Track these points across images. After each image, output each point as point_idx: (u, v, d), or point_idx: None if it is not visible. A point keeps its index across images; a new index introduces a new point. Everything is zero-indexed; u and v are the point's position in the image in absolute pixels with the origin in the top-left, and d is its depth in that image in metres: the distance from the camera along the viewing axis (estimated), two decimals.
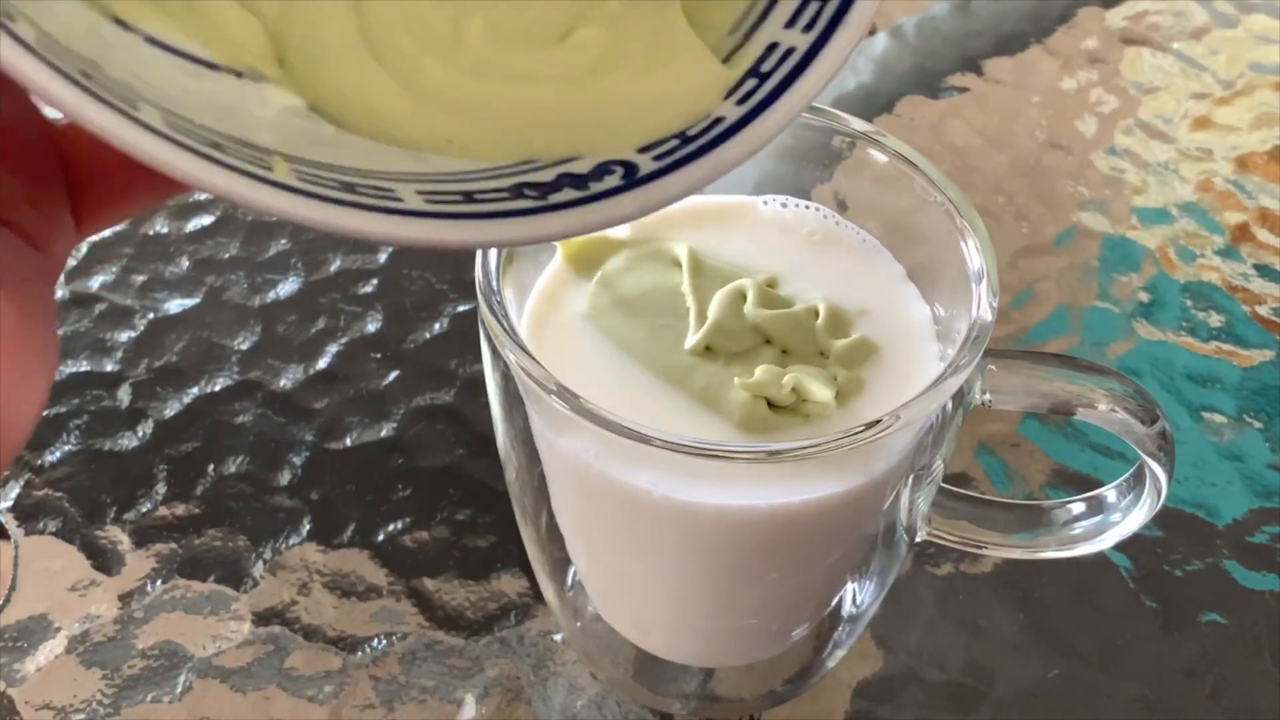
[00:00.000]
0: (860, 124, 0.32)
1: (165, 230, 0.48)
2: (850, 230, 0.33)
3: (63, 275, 0.34)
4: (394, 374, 0.44)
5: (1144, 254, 0.49)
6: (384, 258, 0.47)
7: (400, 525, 0.39)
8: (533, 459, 0.31)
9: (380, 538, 0.39)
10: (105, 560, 0.39)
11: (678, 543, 0.29)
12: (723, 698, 0.36)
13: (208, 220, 0.49)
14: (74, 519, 0.39)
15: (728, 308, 0.29)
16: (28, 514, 0.40)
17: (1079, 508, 0.33)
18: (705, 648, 0.35)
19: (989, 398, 0.29)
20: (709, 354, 0.29)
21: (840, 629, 0.35)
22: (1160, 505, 0.31)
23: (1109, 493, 0.32)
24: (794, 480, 0.27)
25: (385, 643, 0.37)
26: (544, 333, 0.30)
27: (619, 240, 0.32)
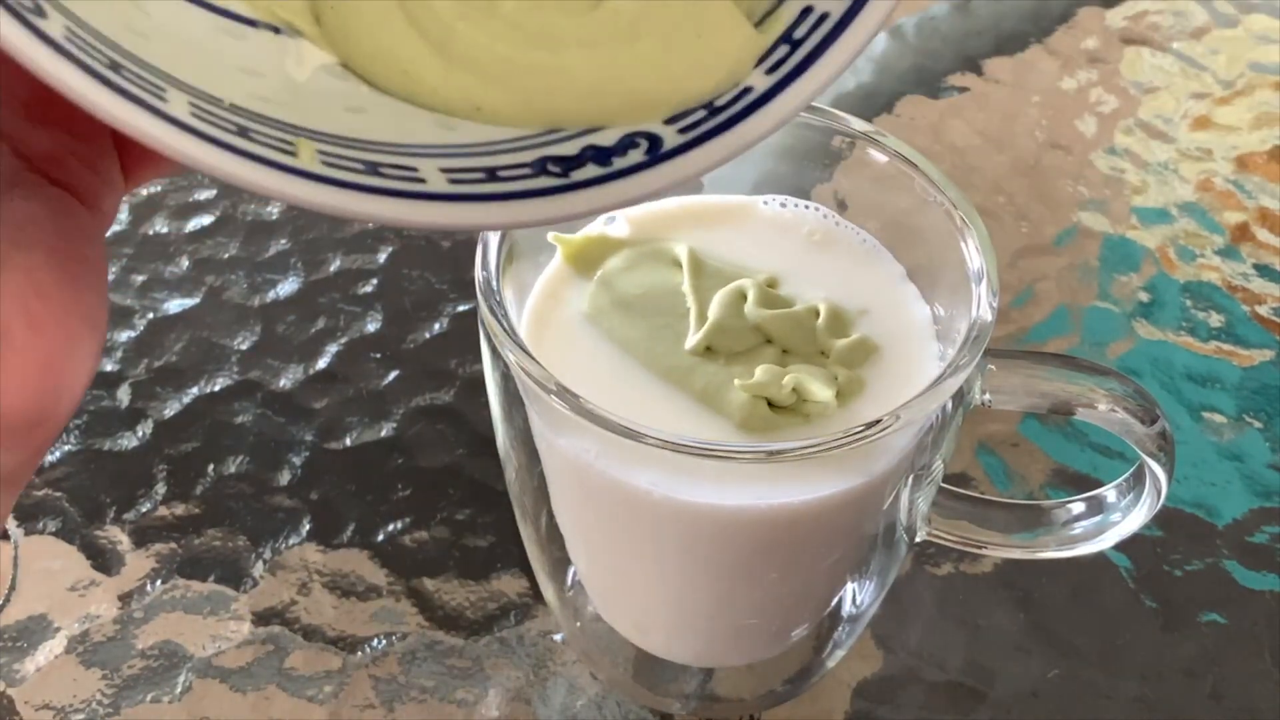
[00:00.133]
0: (860, 124, 0.32)
1: (165, 230, 0.48)
2: (850, 230, 0.33)
3: None
4: (394, 374, 0.44)
5: (1144, 254, 0.49)
6: (384, 258, 0.47)
7: (400, 525, 0.39)
8: (533, 459, 0.31)
9: (380, 538, 0.39)
10: (105, 560, 0.39)
11: (678, 543, 0.29)
12: (723, 698, 0.36)
13: (208, 220, 0.49)
14: (74, 519, 0.39)
15: (728, 308, 0.29)
16: (27, 514, 0.40)
17: (1079, 508, 0.33)
18: (705, 648, 0.35)
19: (989, 398, 0.29)
20: (709, 354, 0.29)
21: (840, 629, 0.35)
22: (1160, 505, 0.31)
23: (1109, 493, 0.32)
24: (794, 480, 0.27)
25: (385, 643, 0.37)
26: (544, 333, 0.30)
27: (619, 240, 0.32)
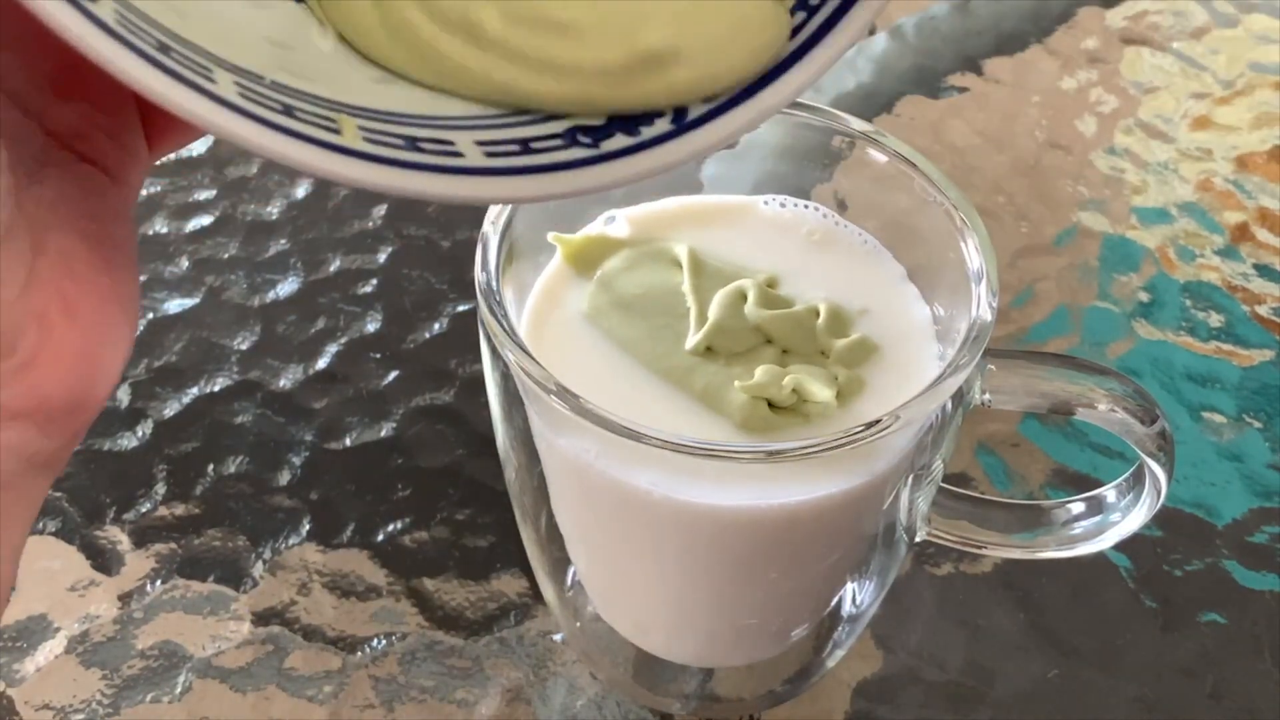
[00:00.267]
0: (860, 124, 0.32)
1: (165, 230, 0.48)
2: (850, 230, 0.33)
3: None
4: (394, 374, 0.44)
5: (1144, 254, 0.49)
6: (384, 258, 0.47)
7: (400, 525, 0.39)
8: (532, 459, 0.31)
9: (380, 538, 0.39)
10: (105, 560, 0.38)
11: (678, 543, 0.29)
12: (722, 698, 0.36)
13: (207, 220, 0.49)
14: (73, 519, 0.39)
15: (728, 308, 0.29)
16: None
17: (1079, 508, 0.33)
18: (705, 648, 0.35)
19: (989, 398, 0.29)
20: (709, 354, 0.29)
21: (840, 629, 0.35)
22: (1160, 505, 0.31)
23: (1109, 493, 0.32)
24: (794, 480, 0.27)
25: (385, 643, 0.37)
26: (544, 333, 0.30)
27: (619, 240, 0.32)
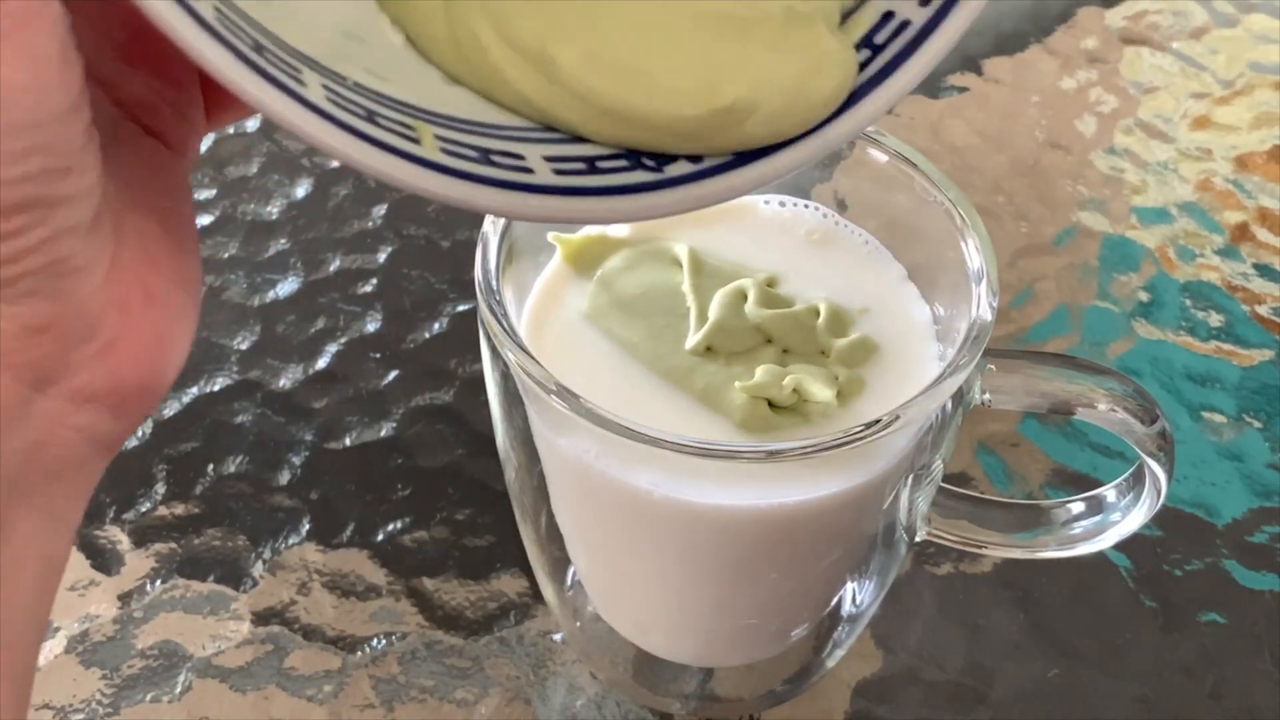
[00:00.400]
0: None
1: None
2: (850, 230, 0.32)
3: None
4: (393, 374, 0.44)
5: (1143, 254, 0.49)
6: (383, 258, 0.47)
7: (400, 525, 0.39)
8: (532, 459, 0.31)
9: (380, 537, 0.39)
10: (104, 560, 0.38)
11: (678, 543, 0.29)
12: (722, 698, 0.36)
13: (207, 220, 0.49)
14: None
15: (729, 307, 0.29)
16: None
17: (1079, 507, 0.33)
18: (705, 647, 0.35)
19: (989, 397, 0.29)
20: (710, 354, 0.29)
21: (840, 629, 0.35)
22: (1160, 505, 0.31)
23: (1109, 492, 0.32)
24: (794, 480, 0.27)
25: (385, 642, 0.37)
26: (544, 332, 0.30)
27: (618, 239, 0.32)
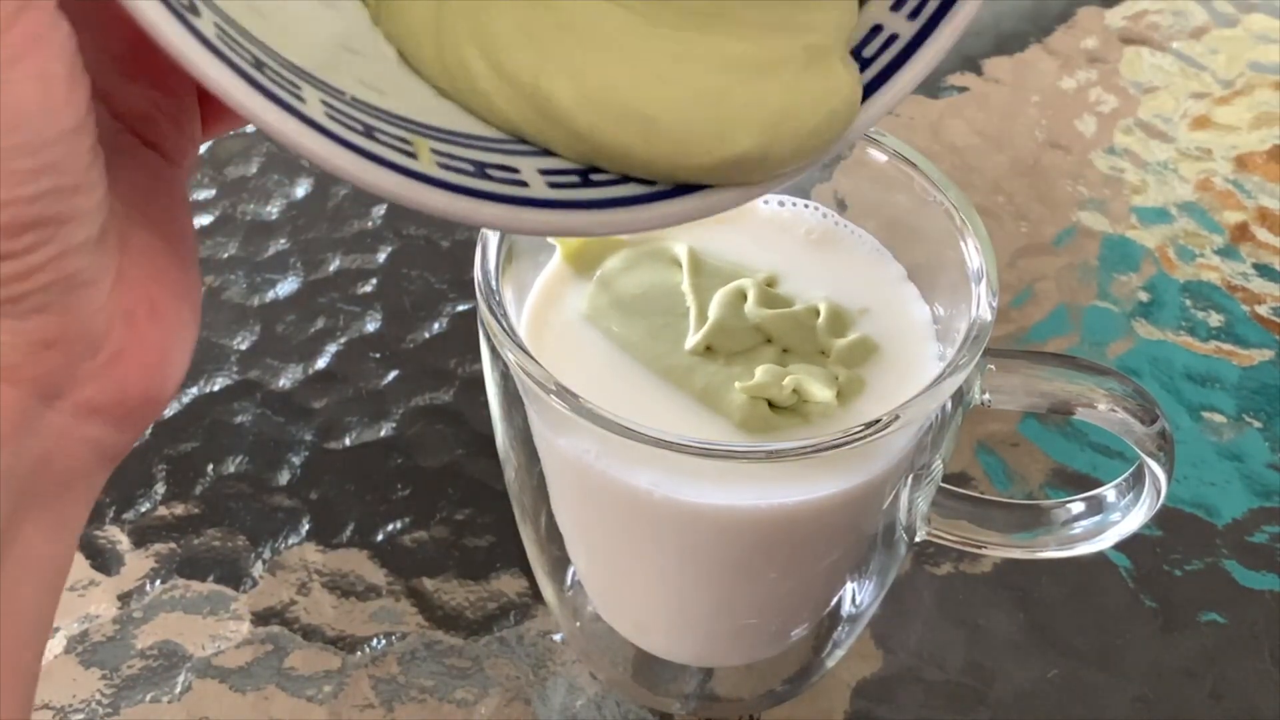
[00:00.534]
0: None
1: None
2: (850, 230, 0.32)
3: None
4: (393, 374, 0.44)
5: (1143, 253, 0.48)
6: (383, 258, 0.47)
7: (399, 525, 0.39)
8: (532, 459, 0.31)
9: (379, 537, 0.39)
10: (104, 560, 0.38)
11: (678, 543, 0.29)
12: (722, 698, 0.36)
13: (207, 220, 0.49)
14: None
15: (728, 307, 0.29)
16: None
17: (1078, 507, 0.33)
18: (705, 647, 0.35)
19: (988, 397, 0.29)
20: (709, 354, 0.29)
21: (840, 629, 0.35)
22: (1160, 505, 0.31)
23: (1108, 492, 0.32)
24: (794, 480, 0.27)
25: (384, 642, 0.37)
26: (544, 332, 0.30)
27: (618, 239, 0.32)
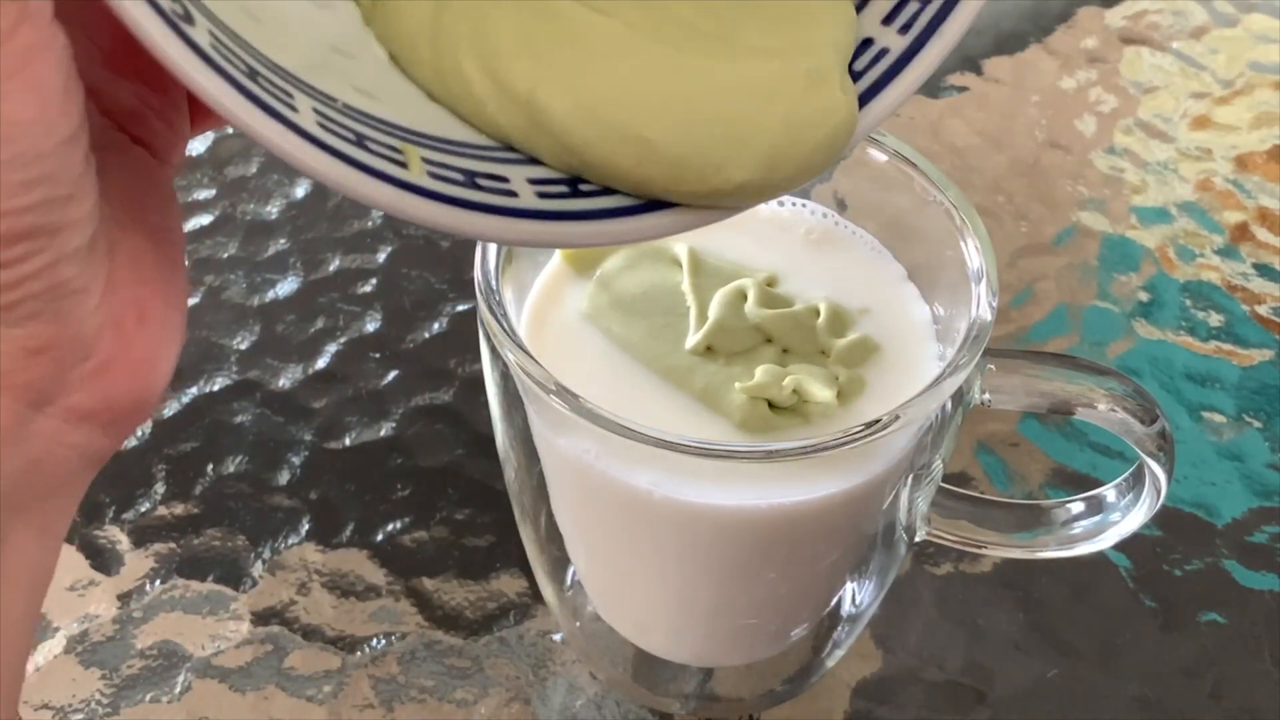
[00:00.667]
0: None
1: None
2: (849, 230, 0.32)
3: None
4: (393, 374, 0.44)
5: (1143, 253, 0.48)
6: (383, 257, 0.47)
7: (399, 525, 0.39)
8: (532, 459, 0.31)
9: (379, 537, 0.39)
10: (104, 560, 0.38)
11: (677, 543, 0.29)
12: (722, 697, 0.36)
13: (206, 220, 0.49)
14: (72, 519, 0.39)
15: (728, 307, 0.29)
16: None
17: (1078, 507, 0.33)
18: (705, 647, 0.35)
19: (988, 397, 0.29)
20: (709, 354, 0.29)
21: (839, 629, 0.35)
22: (1160, 505, 0.31)
23: (1108, 492, 0.32)
24: (794, 480, 0.27)
25: (384, 642, 0.37)
26: (543, 332, 0.30)
27: None
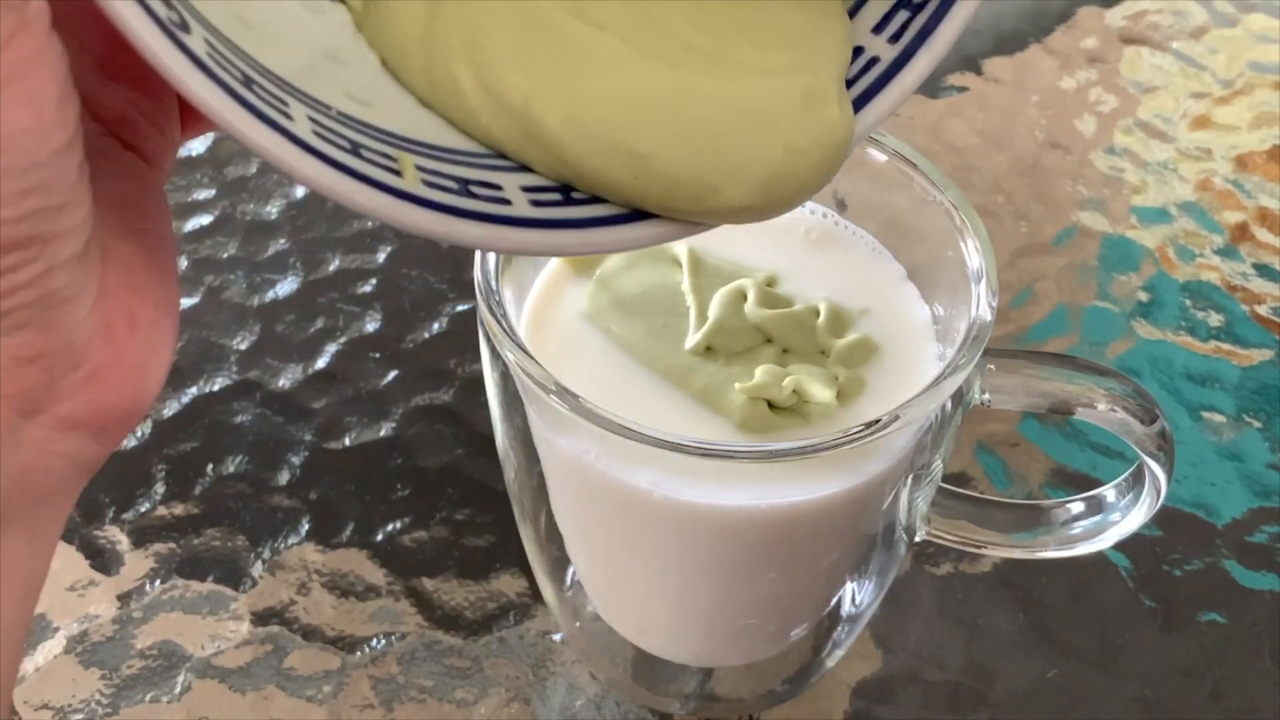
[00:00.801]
0: None
1: None
2: (849, 230, 0.32)
3: None
4: (393, 374, 0.44)
5: (1143, 253, 0.48)
6: (383, 257, 0.47)
7: (399, 525, 0.39)
8: (532, 459, 0.31)
9: (379, 537, 0.39)
10: (104, 560, 0.38)
11: (677, 543, 0.29)
12: (722, 697, 0.36)
13: (206, 220, 0.49)
14: (72, 519, 0.39)
15: (728, 307, 0.29)
16: None
17: (1078, 507, 0.33)
18: (704, 647, 0.35)
19: (988, 397, 0.29)
20: (709, 354, 0.29)
21: (839, 629, 0.35)
22: (1159, 505, 0.31)
23: (1108, 492, 0.32)
24: (794, 480, 0.27)
25: (384, 643, 0.37)
26: (543, 332, 0.30)
27: None
